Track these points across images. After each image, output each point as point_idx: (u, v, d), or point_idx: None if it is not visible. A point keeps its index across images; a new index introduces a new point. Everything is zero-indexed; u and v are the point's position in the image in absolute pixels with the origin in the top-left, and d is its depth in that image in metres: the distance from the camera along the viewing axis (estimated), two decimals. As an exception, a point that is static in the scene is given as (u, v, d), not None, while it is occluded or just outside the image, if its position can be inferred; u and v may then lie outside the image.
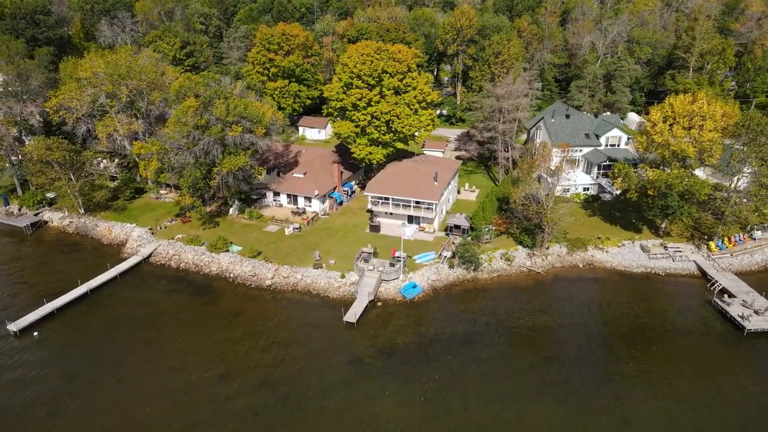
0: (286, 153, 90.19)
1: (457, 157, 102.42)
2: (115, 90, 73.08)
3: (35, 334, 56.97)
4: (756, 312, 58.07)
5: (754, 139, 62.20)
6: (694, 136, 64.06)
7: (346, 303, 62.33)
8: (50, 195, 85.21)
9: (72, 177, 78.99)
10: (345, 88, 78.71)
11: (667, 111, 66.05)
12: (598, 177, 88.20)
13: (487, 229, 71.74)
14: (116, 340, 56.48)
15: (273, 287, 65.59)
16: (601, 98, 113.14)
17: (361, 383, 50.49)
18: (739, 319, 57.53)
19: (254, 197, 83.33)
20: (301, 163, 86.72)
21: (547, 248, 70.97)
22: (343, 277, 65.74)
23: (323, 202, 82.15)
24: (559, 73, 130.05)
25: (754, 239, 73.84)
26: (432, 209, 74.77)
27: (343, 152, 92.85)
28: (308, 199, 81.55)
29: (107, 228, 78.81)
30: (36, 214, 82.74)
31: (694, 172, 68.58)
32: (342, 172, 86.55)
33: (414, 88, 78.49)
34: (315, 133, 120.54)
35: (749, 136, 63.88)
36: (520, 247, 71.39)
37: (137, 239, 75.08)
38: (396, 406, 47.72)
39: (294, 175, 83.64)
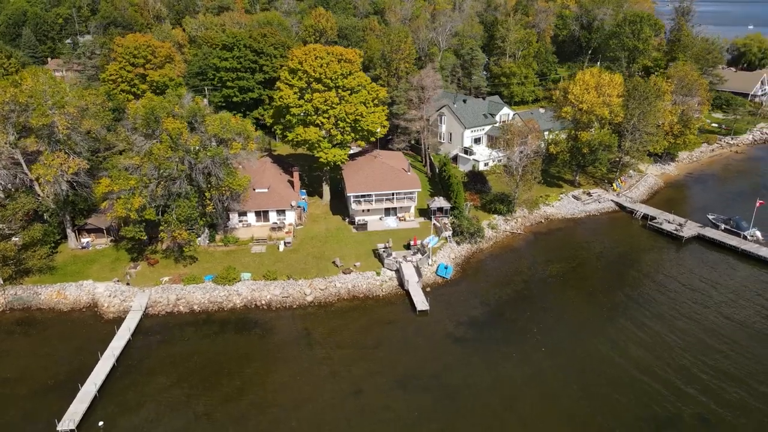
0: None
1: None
2: (50, 123, 59.12)
3: (100, 424, 46.04)
4: (680, 225, 78.57)
5: (645, 99, 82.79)
6: (606, 102, 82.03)
7: (396, 297, 64.35)
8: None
9: (-9, 240, 61.74)
10: (301, 94, 77.21)
11: (582, 85, 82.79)
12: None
13: (468, 206, 79.84)
14: (202, 398, 49.32)
15: (316, 302, 63.37)
16: (463, 84, 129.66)
17: (480, 355, 54.66)
18: (675, 232, 77.25)
19: (214, 222, 76.07)
20: (252, 178, 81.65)
21: (515, 212, 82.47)
22: (378, 274, 66.88)
23: (293, 213, 79.61)
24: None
25: (631, 177, 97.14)
26: (413, 198, 79.58)
27: (278, 161, 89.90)
28: (280, 212, 78.18)
29: (57, 292, 63.88)
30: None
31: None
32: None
33: (364, 87, 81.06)
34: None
35: (636, 97, 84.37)
36: (495, 215, 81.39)
37: (112, 294, 63.23)
38: (526, 362, 53.45)
39: (257, 190, 78.81)
